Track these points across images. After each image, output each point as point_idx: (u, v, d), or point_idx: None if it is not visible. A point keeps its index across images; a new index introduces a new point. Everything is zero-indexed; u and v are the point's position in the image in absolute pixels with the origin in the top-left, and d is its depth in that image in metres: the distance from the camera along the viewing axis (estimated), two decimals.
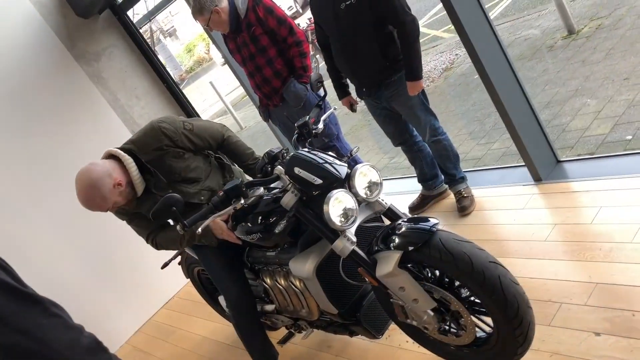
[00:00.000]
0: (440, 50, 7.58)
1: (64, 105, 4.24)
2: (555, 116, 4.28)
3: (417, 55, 2.94)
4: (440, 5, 3.33)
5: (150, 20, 4.86)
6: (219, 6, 3.35)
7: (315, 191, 2.01)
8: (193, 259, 2.99)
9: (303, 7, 17.97)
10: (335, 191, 1.96)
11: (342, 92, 3.42)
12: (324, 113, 2.50)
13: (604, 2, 5.89)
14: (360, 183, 2.04)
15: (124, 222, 2.61)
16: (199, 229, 2.01)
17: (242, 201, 2.02)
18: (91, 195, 2.26)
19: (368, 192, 2.05)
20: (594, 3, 6.01)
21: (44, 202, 4.04)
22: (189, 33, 26.95)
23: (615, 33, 5.06)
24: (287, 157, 2.15)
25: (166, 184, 2.44)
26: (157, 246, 2.62)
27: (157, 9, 4.75)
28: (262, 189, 2.13)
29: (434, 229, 1.87)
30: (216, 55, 22.08)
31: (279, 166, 2.12)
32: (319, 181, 2.00)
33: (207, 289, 3.34)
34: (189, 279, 3.39)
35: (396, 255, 1.88)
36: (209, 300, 3.40)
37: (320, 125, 2.39)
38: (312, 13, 3.22)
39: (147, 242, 2.62)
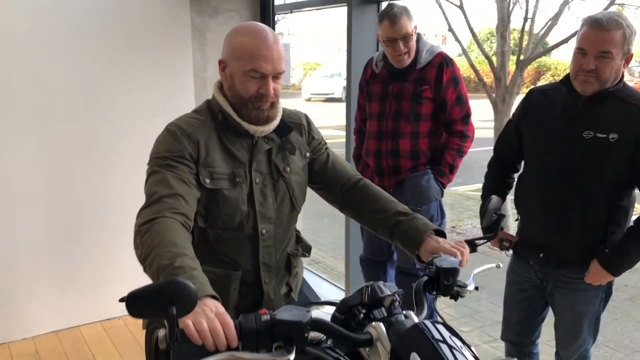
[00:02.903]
0: None
1: (148, 43, 3.49)
2: None
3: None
4: None
5: (291, 12, 4.07)
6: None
7: None
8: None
9: None
10: None
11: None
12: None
13: None
14: None
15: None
16: None
17: (291, 357, 1.10)
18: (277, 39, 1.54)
19: None
20: None
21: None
22: (300, 53, 26.56)
23: None
24: (399, 320, 1.19)
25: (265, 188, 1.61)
26: (141, 236, 1.33)
27: (303, 6, 3.97)
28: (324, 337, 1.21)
29: None
30: (305, 87, 21.47)
31: (380, 325, 1.18)
32: None
33: None
34: (145, 334, 2.36)
35: None
36: None
37: (472, 285, 1.39)
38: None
39: (139, 216, 1.40)
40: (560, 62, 23.48)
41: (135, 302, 1.00)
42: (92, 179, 3.46)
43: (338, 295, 3.69)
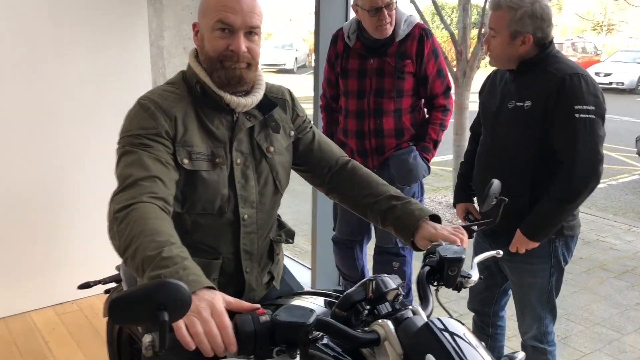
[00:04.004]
0: None
1: (99, 8, 3.24)
2: None
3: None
4: None
5: None
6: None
7: None
8: None
9: None
10: None
11: (465, 196, 2.39)
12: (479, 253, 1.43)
13: None
14: None
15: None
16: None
17: None
18: None
19: None
20: None
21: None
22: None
23: None
24: (408, 317, 1.10)
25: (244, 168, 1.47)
26: (117, 224, 1.17)
27: None
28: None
29: None
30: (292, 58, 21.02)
31: (389, 323, 1.08)
32: None
33: None
34: (106, 323, 2.20)
35: None
36: None
37: (476, 275, 1.31)
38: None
39: (113, 202, 1.23)
40: None
41: (121, 309, 0.86)
42: (36, 156, 3.20)
43: (306, 277, 3.60)
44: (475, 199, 2.39)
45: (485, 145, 2.21)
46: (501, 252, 1.44)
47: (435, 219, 1.44)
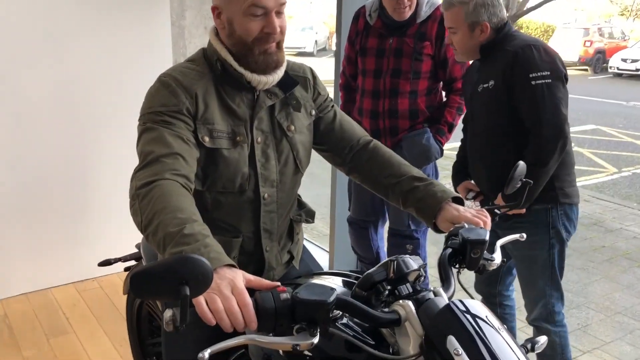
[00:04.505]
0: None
1: None
2: None
3: None
4: None
5: None
6: None
7: None
8: None
9: None
10: None
11: (462, 177, 2.43)
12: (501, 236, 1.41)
13: None
14: None
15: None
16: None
17: (315, 340, 0.97)
18: None
19: None
20: None
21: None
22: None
23: None
24: (429, 298, 1.08)
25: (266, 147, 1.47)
26: (139, 200, 1.17)
27: None
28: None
29: None
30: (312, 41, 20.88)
31: (410, 304, 1.07)
32: None
33: (143, 340, 2.17)
34: (126, 300, 2.23)
35: None
36: (138, 353, 2.21)
37: (498, 258, 1.29)
38: None
39: (135, 179, 1.23)
40: (532, 21, 23.47)
41: (143, 282, 0.86)
42: (61, 135, 3.23)
43: (324, 260, 3.60)
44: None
45: (469, 129, 2.31)
46: (525, 236, 1.41)
47: (458, 201, 1.41)
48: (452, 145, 2.76)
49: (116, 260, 2.05)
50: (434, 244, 1.28)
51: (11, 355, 2.76)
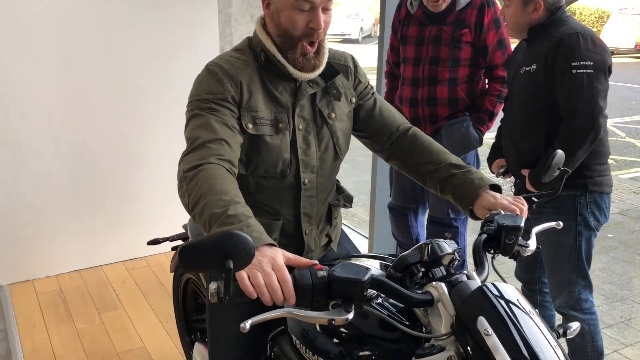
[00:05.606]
0: None
1: None
2: None
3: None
4: None
5: None
6: None
7: None
8: None
9: None
10: None
11: (498, 154, 2.46)
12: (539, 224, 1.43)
13: None
14: None
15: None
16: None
17: (350, 316, 1.01)
18: None
19: None
20: None
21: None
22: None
23: None
24: (462, 281, 1.12)
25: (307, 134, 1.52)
26: (187, 183, 1.24)
27: None
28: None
29: None
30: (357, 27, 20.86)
31: (442, 285, 1.10)
32: None
33: (188, 316, 2.27)
34: (173, 278, 2.33)
35: None
36: (183, 328, 2.32)
37: (534, 244, 1.31)
38: None
39: (182, 162, 1.30)
40: (585, 7, 22.69)
41: (190, 255, 0.93)
42: (115, 118, 3.38)
43: (364, 246, 3.65)
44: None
45: (507, 107, 2.34)
46: (561, 224, 1.42)
47: (496, 188, 1.43)
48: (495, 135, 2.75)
49: (164, 239, 2.15)
50: (475, 233, 1.28)
51: (66, 327, 2.93)
